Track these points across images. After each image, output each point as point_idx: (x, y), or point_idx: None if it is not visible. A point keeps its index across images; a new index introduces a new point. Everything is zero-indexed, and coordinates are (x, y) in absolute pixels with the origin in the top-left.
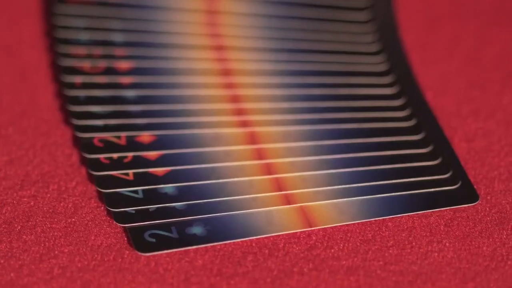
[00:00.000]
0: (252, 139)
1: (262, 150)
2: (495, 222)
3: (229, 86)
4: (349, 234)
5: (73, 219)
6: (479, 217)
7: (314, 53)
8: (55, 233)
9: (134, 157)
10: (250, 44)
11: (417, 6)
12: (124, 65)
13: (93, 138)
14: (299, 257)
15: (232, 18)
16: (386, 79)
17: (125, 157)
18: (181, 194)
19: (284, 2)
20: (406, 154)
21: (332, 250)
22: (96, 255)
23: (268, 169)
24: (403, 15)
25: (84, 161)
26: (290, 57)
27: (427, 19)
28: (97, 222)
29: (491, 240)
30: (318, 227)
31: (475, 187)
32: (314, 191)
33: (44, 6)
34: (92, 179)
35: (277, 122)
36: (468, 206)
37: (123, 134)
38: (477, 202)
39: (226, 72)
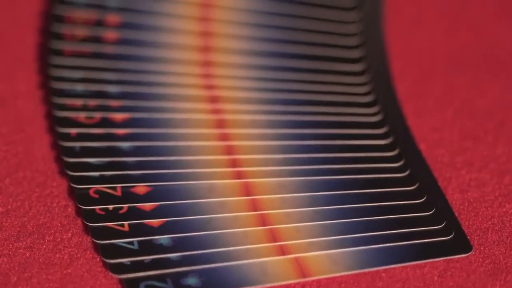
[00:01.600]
0: (247, 190)
1: (256, 201)
2: (488, 273)
3: (224, 137)
4: (343, 285)
5: (69, 270)
6: (473, 267)
7: (309, 104)
8: (51, 285)
9: (129, 208)
10: (244, 95)
11: (410, 57)
12: (119, 116)
13: (88, 189)
14: None
15: (227, 70)
16: (380, 130)
17: (121, 208)
18: (176, 245)
19: (279, 53)
20: (400, 204)
21: None
22: None
23: (263, 220)
24: (396, 66)
25: (80, 212)
26: (284, 108)
27: (420, 70)
28: (92, 273)
29: None
30: (312, 278)
31: (468, 237)
32: (308, 242)
33: (39, 57)
34: (88, 230)
35: (272, 173)
36: (462, 256)
37: (119, 185)
38: (470, 252)
39: (221, 124)
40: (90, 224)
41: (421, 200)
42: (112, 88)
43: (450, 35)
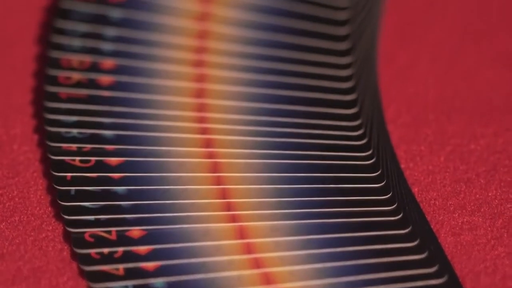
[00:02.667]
0: (241, 233)
1: (251, 245)
2: None
3: (218, 181)
4: None
5: None
6: None
7: (302, 148)
8: None
9: (124, 252)
10: (239, 139)
11: (404, 102)
12: (114, 160)
13: (84, 233)
14: None
15: (221, 113)
16: (373, 174)
17: (116, 252)
18: None
19: (273, 97)
20: (393, 248)
21: None
22: None
23: (257, 263)
24: (389, 110)
25: (75, 256)
26: (279, 152)
27: (413, 114)
28: None
29: None
30: None
31: (461, 281)
32: (303, 285)
33: (35, 101)
34: (83, 274)
35: (266, 217)
36: None
37: (114, 229)
38: None
39: (215, 167)
40: (85, 268)
41: (414, 243)
42: (107, 132)
43: (443, 80)
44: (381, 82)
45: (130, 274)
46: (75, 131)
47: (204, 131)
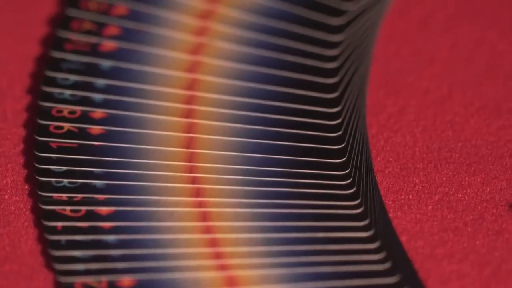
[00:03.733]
0: (231, 282)
1: None
2: None
3: (208, 230)
4: None
5: None
6: None
7: (291, 197)
8: None
9: None
10: (229, 188)
11: (392, 152)
12: (104, 210)
13: (74, 282)
14: None
15: (211, 163)
16: (362, 223)
17: None
18: None
19: (262, 148)
20: None
21: None
22: None
23: None
24: (378, 160)
25: None
26: (267, 201)
27: (401, 164)
28: None
29: None
30: None
31: None
32: None
33: (25, 151)
34: None
35: (255, 265)
36: None
37: (104, 278)
38: None
39: (205, 217)
40: None
41: None
42: (97, 182)
43: (431, 129)
44: (370, 132)
45: None
46: (65, 180)
47: (194, 180)
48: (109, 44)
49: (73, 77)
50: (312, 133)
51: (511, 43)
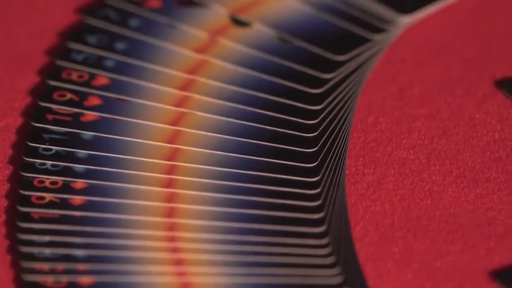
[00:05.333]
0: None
1: None
2: None
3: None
4: None
5: None
6: None
7: (269, 266)
8: None
9: None
10: (209, 258)
11: (370, 220)
12: (86, 280)
13: None
14: None
15: (192, 233)
16: None
17: None
18: None
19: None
20: None
21: None
22: None
23: None
24: (356, 229)
25: None
26: (247, 270)
27: (380, 233)
28: None
29: None
30: None
31: None
32: None
33: (8, 222)
34: None
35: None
36: None
37: None
38: None
39: (186, 287)
40: None
41: None
42: (79, 252)
43: (409, 198)
44: (349, 201)
45: None
46: (47, 251)
47: (174, 249)
48: (90, 115)
49: (55, 148)
50: (291, 203)
51: (488, 112)
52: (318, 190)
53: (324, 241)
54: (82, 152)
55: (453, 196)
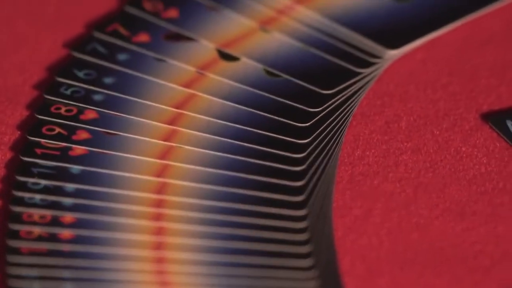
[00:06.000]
0: None
1: None
2: None
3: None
4: None
5: None
6: None
7: None
8: None
9: None
10: None
11: (357, 254)
12: None
13: None
14: None
15: (180, 266)
16: None
17: None
18: None
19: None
20: None
21: None
22: None
23: None
24: (344, 262)
25: None
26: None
27: (367, 266)
28: None
29: None
30: None
31: None
32: None
33: None
34: None
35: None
36: None
37: None
38: None
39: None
40: None
41: None
42: (68, 285)
43: (396, 231)
44: (336, 234)
45: None
46: (36, 285)
47: (163, 283)
48: (79, 149)
49: (44, 182)
50: (277, 236)
51: (475, 146)
52: (305, 223)
53: (311, 274)
54: (70, 186)
55: (439, 229)
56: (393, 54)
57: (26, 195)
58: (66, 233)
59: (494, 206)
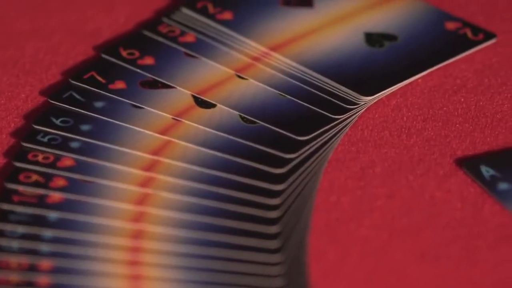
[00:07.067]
0: None
1: None
2: None
3: None
4: None
5: None
6: None
7: None
8: None
9: None
10: None
11: None
12: None
13: None
14: None
15: None
16: None
17: None
18: None
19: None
20: None
21: None
22: None
23: None
24: None
25: None
26: None
27: None
28: None
29: None
30: None
31: None
32: None
33: None
34: None
35: None
36: None
37: None
38: None
39: None
40: None
41: None
42: None
43: (372, 276)
44: (312, 279)
45: None
46: None
47: None
48: (56, 196)
49: (21, 229)
50: (252, 283)
51: (449, 191)
52: (280, 269)
53: None
54: (47, 233)
55: (415, 274)
56: (368, 100)
57: (3, 242)
58: (43, 279)
59: (469, 250)
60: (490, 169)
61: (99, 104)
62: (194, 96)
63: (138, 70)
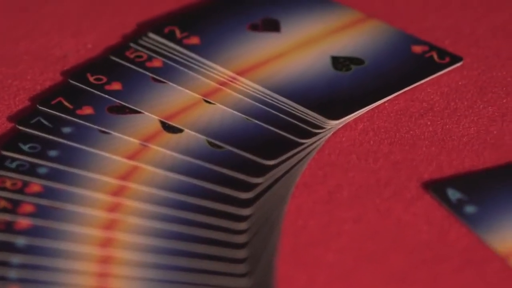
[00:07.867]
0: None
1: None
2: None
3: None
4: None
5: None
6: None
7: None
8: None
9: None
10: None
11: None
12: None
13: None
14: None
15: None
16: None
17: None
18: None
19: None
20: None
21: None
22: None
23: None
24: None
25: None
26: None
27: None
28: None
29: None
30: None
31: None
32: None
33: None
34: None
35: None
36: None
37: None
38: None
39: None
40: None
41: None
42: None
43: None
44: None
45: None
46: None
47: None
48: (24, 222)
49: None
50: None
51: (415, 214)
52: None
53: None
54: (15, 260)
55: None
56: (335, 124)
57: None
58: None
59: (435, 274)
60: (457, 192)
61: (67, 130)
62: (161, 121)
63: (106, 96)
